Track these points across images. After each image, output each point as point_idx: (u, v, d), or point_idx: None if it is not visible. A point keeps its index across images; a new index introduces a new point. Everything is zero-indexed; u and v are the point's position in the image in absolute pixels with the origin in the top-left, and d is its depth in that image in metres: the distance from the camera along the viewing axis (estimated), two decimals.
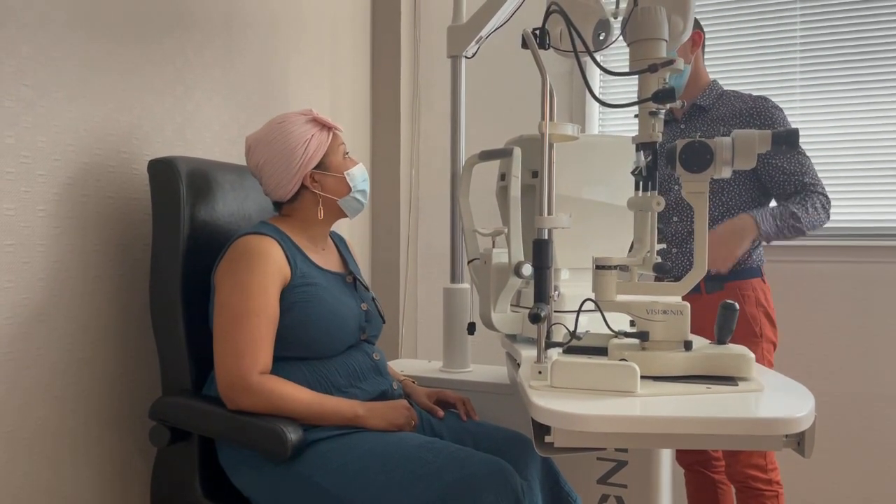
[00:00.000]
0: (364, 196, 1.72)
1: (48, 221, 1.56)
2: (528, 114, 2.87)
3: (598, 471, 1.85)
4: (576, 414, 1.11)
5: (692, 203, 1.34)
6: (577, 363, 1.25)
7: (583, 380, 1.23)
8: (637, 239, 1.43)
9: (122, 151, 1.74)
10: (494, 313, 1.64)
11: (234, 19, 2.13)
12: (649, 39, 1.37)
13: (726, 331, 1.36)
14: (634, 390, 1.20)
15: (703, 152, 1.30)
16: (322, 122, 1.66)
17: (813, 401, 1.19)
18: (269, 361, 1.52)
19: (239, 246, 1.56)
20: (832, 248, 2.51)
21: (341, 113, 2.73)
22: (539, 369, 1.26)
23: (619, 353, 1.29)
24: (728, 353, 1.32)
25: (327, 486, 1.42)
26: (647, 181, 1.39)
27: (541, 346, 1.29)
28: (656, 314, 1.30)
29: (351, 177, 1.68)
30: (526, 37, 1.35)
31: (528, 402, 1.18)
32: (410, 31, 3.01)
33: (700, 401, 1.20)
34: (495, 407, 1.90)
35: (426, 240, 3.03)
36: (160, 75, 1.84)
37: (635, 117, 1.40)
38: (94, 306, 1.66)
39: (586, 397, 1.19)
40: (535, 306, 1.24)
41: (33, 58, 1.51)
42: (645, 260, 1.39)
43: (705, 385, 1.25)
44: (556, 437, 1.17)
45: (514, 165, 1.63)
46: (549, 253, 1.30)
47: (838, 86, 2.53)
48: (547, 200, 1.32)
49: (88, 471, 1.66)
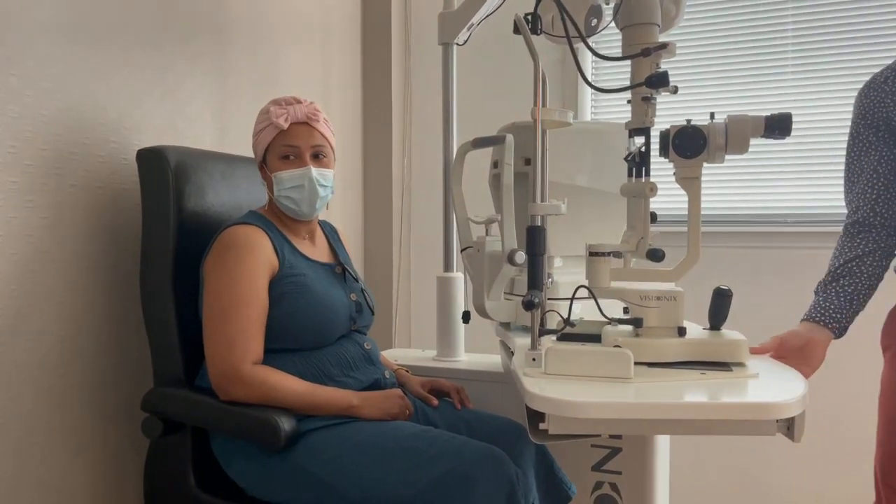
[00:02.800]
0: (293, 202, 1.62)
1: (36, 212, 1.54)
2: (521, 101, 2.86)
3: (592, 458, 1.85)
4: (570, 401, 1.11)
5: (685, 189, 1.33)
6: (570, 350, 1.25)
7: (577, 367, 1.22)
8: (630, 225, 1.43)
9: (111, 141, 1.72)
10: (488, 301, 1.64)
11: (225, 7, 2.11)
12: (642, 24, 1.37)
13: (720, 317, 1.36)
14: (629, 376, 1.20)
15: (696, 137, 1.29)
16: (271, 118, 1.62)
17: (805, 385, 1.19)
18: (260, 351, 1.51)
19: (227, 236, 1.55)
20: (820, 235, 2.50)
21: (332, 102, 2.71)
22: (533, 356, 1.26)
23: (613, 340, 1.29)
24: (722, 340, 1.32)
25: (322, 475, 1.42)
26: (641, 167, 1.38)
27: (534, 334, 1.29)
28: (650, 300, 1.30)
29: (277, 179, 1.61)
30: (518, 22, 1.33)
31: (523, 390, 1.18)
32: (401, 18, 2.98)
33: (695, 386, 1.20)
34: (489, 395, 1.90)
35: (419, 229, 3.02)
36: (150, 64, 1.82)
37: (628, 103, 1.39)
38: (84, 298, 1.65)
39: (580, 384, 1.19)
40: (529, 293, 1.24)
41: (20, 47, 1.49)
42: (638, 246, 1.38)
43: (699, 371, 1.25)
44: (550, 424, 1.17)
45: (506, 153, 1.62)
46: (542, 240, 1.29)
47: (831, 72, 2.52)
48: (540, 187, 1.32)
49: (81, 463, 1.65)
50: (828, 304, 1.57)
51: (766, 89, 2.58)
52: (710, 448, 2.61)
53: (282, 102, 1.63)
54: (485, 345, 2.23)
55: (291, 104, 1.63)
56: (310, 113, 1.64)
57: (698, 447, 2.61)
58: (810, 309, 1.59)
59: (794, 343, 1.53)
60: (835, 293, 1.57)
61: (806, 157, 2.56)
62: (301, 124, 1.63)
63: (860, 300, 1.57)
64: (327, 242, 1.78)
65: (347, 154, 2.82)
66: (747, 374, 1.26)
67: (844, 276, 1.57)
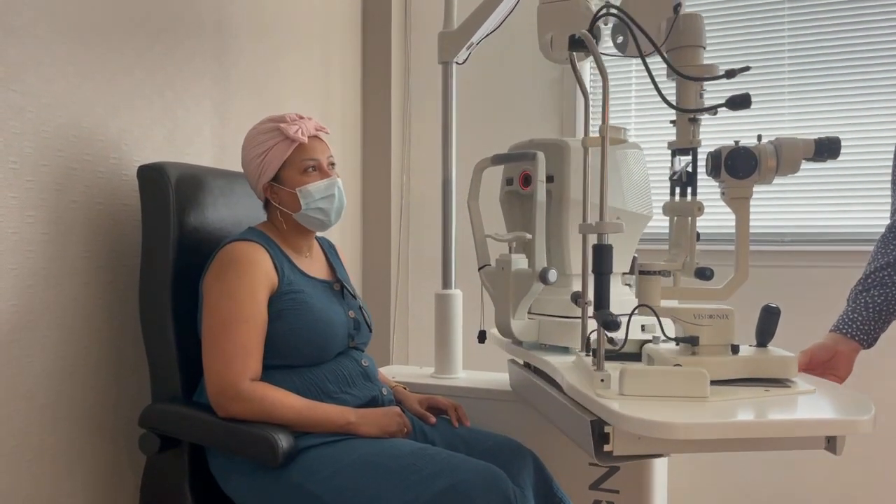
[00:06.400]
0: (324, 213, 1.64)
1: (36, 227, 1.55)
2: (519, 119, 2.89)
3: (590, 476, 1.85)
4: (673, 423, 1.10)
5: (734, 208, 1.35)
6: (648, 370, 1.26)
7: (654, 387, 1.23)
8: (674, 243, 1.44)
9: (112, 157, 1.73)
10: (514, 321, 1.62)
11: (225, 26, 2.12)
12: (690, 47, 1.40)
13: (768, 334, 1.38)
14: (706, 396, 1.21)
15: (748, 158, 1.32)
16: (284, 134, 1.61)
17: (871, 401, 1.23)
18: (258, 368, 1.51)
19: (227, 252, 1.56)
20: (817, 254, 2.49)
21: (332, 119, 2.72)
22: (601, 377, 1.26)
23: (671, 359, 1.29)
24: (773, 356, 1.34)
25: (319, 493, 1.42)
26: (685, 186, 1.40)
27: (601, 354, 1.28)
28: (703, 318, 1.31)
29: (304, 193, 1.61)
30: (586, 40, 1.32)
31: (608, 412, 1.17)
32: (401, 37, 3.01)
33: (770, 403, 1.23)
34: (487, 412, 1.90)
35: (417, 245, 3.03)
36: (150, 81, 1.83)
37: (671, 123, 1.41)
38: (82, 313, 1.65)
39: (662, 404, 1.19)
40: (605, 313, 1.24)
41: (22, 63, 1.50)
42: (685, 265, 1.40)
43: (762, 388, 1.28)
44: (615, 446, 1.18)
45: (538, 169, 1.61)
46: (609, 258, 1.29)
47: (828, 91, 2.54)
48: (601, 206, 1.31)
49: (77, 480, 1.65)
50: (856, 315, 1.56)
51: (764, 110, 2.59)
52: (708, 467, 2.60)
53: (287, 119, 1.64)
54: (482, 362, 2.23)
55: (297, 121, 1.64)
56: (317, 126, 1.67)
57: (696, 465, 2.60)
58: (839, 319, 1.59)
59: (822, 357, 1.55)
60: (864, 305, 1.57)
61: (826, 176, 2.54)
62: (313, 138, 1.65)
63: (890, 311, 1.56)
64: (325, 259, 1.79)
65: (347, 170, 2.83)
66: (805, 389, 1.29)
67: (875, 287, 1.56)
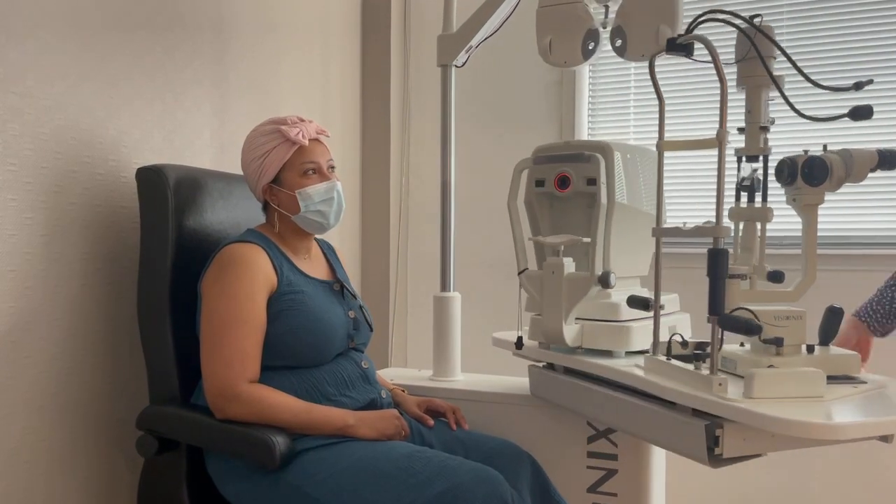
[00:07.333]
0: (323, 216, 1.64)
1: (35, 230, 1.55)
2: (518, 122, 2.89)
3: (588, 480, 1.84)
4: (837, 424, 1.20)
5: (804, 214, 1.43)
6: (773, 373, 1.31)
7: (778, 388, 1.29)
8: (744, 248, 1.49)
9: (111, 159, 1.73)
10: (567, 326, 1.61)
11: (225, 28, 2.12)
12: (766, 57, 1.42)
13: (832, 333, 1.47)
14: (821, 395, 1.28)
15: (823, 167, 1.40)
16: (285, 136, 1.61)
17: None
18: (257, 370, 1.51)
19: (225, 254, 1.56)
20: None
21: (332, 121, 2.72)
22: (718, 381, 1.29)
23: (764, 361, 1.35)
24: (839, 355, 1.45)
25: (317, 495, 1.42)
26: (754, 192, 1.46)
27: (715, 359, 1.31)
28: (782, 320, 1.38)
29: (304, 195, 1.61)
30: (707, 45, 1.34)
31: (749, 415, 1.22)
32: (400, 39, 3.01)
33: (870, 399, 1.33)
34: (485, 416, 1.89)
35: (416, 248, 3.03)
36: (149, 83, 1.84)
37: (739, 131, 1.44)
38: (81, 315, 1.65)
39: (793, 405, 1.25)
40: (739, 318, 1.30)
41: (21, 64, 1.50)
42: (755, 268, 1.46)
43: (850, 385, 1.37)
44: (725, 448, 1.26)
45: (601, 172, 1.62)
46: (725, 263, 1.32)
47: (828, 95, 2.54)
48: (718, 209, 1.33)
49: (74, 482, 1.65)
50: (880, 307, 1.66)
51: None
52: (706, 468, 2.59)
53: (288, 121, 1.64)
54: (480, 365, 2.23)
55: (298, 123, 1.64)
56: (318, 129, 1.67)
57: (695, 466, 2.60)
58: (864, 304, 1.69)
59: (850, 342, 1.67)
60: (889, 300, 1.66)
61: None
62: (314, 141, 1.66)
63: None
64: (325, 260, 1.79)
65: (346, 172, 2.83)
66: (878, 385, 1.39)
67: None
